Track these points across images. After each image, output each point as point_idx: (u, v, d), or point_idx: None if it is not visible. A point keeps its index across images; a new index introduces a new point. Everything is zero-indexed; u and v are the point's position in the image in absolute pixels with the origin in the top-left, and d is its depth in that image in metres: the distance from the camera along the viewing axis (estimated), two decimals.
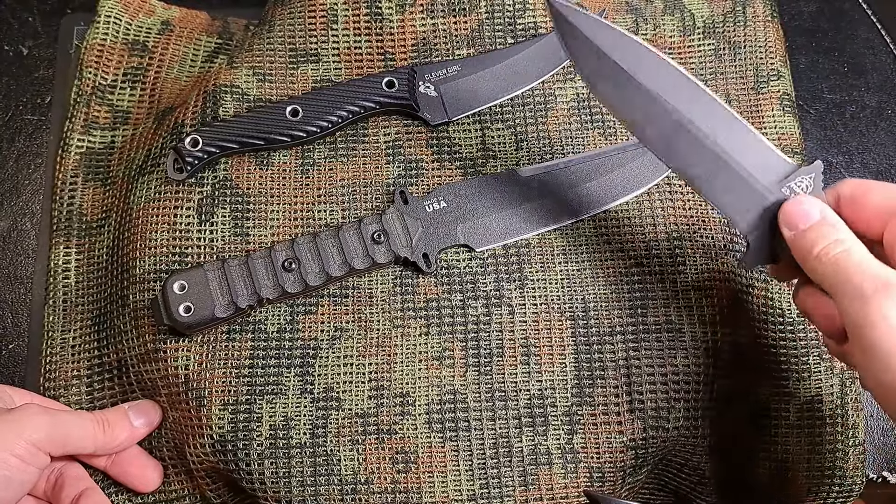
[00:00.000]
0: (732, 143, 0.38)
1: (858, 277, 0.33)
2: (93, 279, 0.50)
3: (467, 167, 0.49)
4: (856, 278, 0.33)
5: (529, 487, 0.43)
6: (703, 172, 0.38)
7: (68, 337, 0.49)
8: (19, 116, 0.57)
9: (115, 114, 0.53)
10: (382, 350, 0.45)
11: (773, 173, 0.38)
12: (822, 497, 0.47)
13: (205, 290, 0.43)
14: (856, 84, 0.59)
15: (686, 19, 0.56)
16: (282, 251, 0.44)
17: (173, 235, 0.46)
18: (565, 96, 0.50)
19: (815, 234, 0.36)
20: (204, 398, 0.43)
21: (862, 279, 0.33)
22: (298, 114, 0.48)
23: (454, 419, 0.44)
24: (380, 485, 0.43)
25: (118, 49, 0.54)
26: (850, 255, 0.34)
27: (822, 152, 0.57)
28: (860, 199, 0.36)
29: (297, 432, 0.43)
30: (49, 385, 0.48)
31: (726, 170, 0.38)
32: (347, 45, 0.51)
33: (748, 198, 0.38)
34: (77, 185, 0.52)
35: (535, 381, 0.45)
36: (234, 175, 0.48)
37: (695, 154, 0.38)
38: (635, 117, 0.39)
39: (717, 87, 0.55)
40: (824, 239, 0.35)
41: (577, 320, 0.46)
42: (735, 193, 0.38)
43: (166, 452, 0.46)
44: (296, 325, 0.45)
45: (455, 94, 0.49)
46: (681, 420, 0.44)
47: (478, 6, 0.51)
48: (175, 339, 0.45)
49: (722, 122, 0.38)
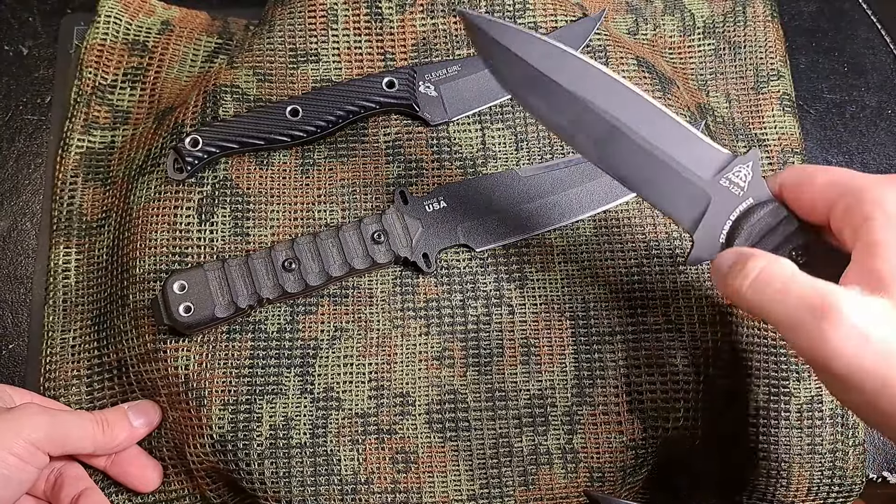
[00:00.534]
0: (666, 141, 0.37)
1: (790, 305, 0.31)
2: (93, 279, 0.50)
3: (467, 167, 0.49)
4: (785, 308, 0.31)
5: (530, 487, 0.43)
6: (640, 174, 0.38)
7: (68, 337, 0.49)
8: (19, 116, 0.57)
9: (115, 114, 0.53)
10: (382, 350, 0.45)
11: (709, 166, 0.37)
12: (822, 497, 0.47)
13: (205, 290, 0.43)
14: (856, 84, 0.59)
15: (686, 19, 0.56)
16: (282, 251, 0.44)
17: (173, 235, 0.46)
18: None
19: (724, 265, 0.35)
20: (204, 398, 0.43)
21: (794, 309, 0.31)
22: (298, 114, 0.48)
23: (454, 419, 0.44)
24: (380, 485, 0.43)
25: (118, 49, 0.54)
26: (768, 275, 0.32)
27: (822, 152, 0.57)
28: (805, 184, 0.36)
29: (297, 432, 0.43)
30: (49, 385, 0.48)
31: (663, 169, 0.37)
32: (347, 45, 0.51)
33: (688, 194, 0.37)
34: (77, 185, 0.52)
35: (535, 381, 0.45)
36: (235, 175, 0.48)
37: (629, 156, 0.37)
38: (564, 124, 0.38)
39: (718, 87, 0.55)
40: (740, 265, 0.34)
41: (577, 320, 0.46)
42: (674, 192, 0.37)
43: (166, 452, 0.46)
44: (296, 325, 0.45)
45: (455, 93, 0.49)
46: (681, 420, 0.44)
47: (478, 6, 0.51)
48: (175, 339, 0.45)
49: (653, 121, 0.37)
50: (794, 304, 0.31)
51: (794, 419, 0.46)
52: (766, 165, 0.54)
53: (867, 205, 0.32)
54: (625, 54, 0.51)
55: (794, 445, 0.47)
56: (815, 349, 0.30)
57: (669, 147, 0.37)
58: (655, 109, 0.37)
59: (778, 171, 0.37)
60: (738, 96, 0.54)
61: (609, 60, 0.51)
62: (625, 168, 0.38)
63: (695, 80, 0.55)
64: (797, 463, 0.46)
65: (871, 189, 0.32)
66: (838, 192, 0.34)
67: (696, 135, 0.37)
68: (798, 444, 0.46)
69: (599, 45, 0.51)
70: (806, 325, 0.30)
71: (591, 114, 0.37)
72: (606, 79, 0.37)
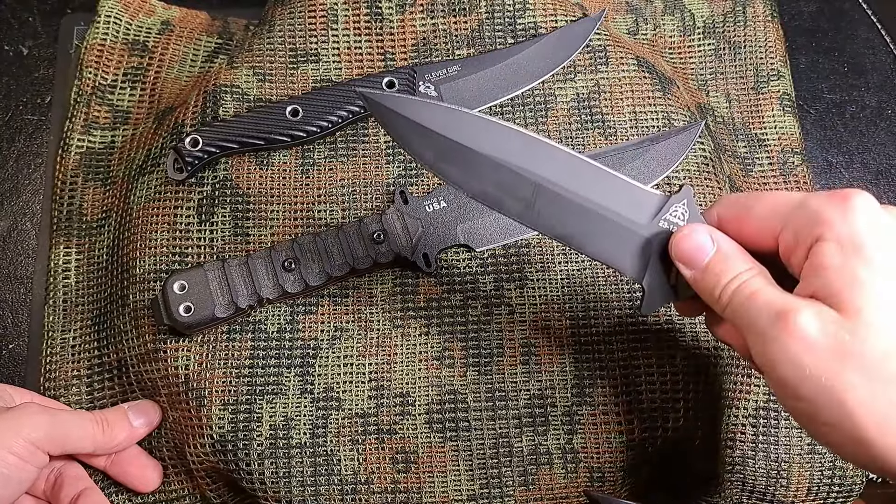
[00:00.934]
0: (596, 191, 0.36)
1: (754, 312, 0.32)
2: (93, 279, 0.50)
3: None
4: (751, 313, 0.32)
5: (530, 487, 0.43)
6: (578, 231, 0.36)
7: (68, 337, 0.49)
8: (19, 116, 0.57)
9: (115, 114, 0.53)
10: (382, 350, 0.45)
11: (645, 211, 0.36)
12: (822, 497, 0.47)
13: (205, 290, 0.43)
14: (856, 84, 0.59)
15: (686, 19, 0.56)
16: (282, 251, 0.44)
17: (173, 235, 0.46)
18: (565, 96, 0.50)
19: (713, 272, 0.34)
20: (204, 398, 0.43)
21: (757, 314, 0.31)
22: (298, 114, 0.48)
23: (454, 419, 0.44)
24: (380, 485, 0.43)
25: (118, 49, 0.54)
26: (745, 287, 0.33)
27: (822, 152, 0.57)
28: (742, 217, 0.35)
29: (297, 432, 0.43)
30: (49, 385, 0.48)
31: (598, 220, 0.36)
32: (347, 44, 0.51)
33: (628, 242, 0.36)
34: (77, 185, 0.52)
35: (535, 381, 0.45)
36: (234, 175, 0.48)
37: (563, 214, 0.36)
38: (489, 190, 0.36)
39: (718, 87, 0.55)
40: (724, 275, 0.34)
41: (577, 320, 0.46)
42: (615, 243, 0.36)
43: (166, 452, 0.46)
44: (296, 325, 0.45)
45: (455, 94, 0.49)
46: (681, 420, 0.44)
47: (478, 6, 0.51)
48: (175, 339, 0.45)
49: (580, 174, 0.36)
50: (760, 307, 0.31)
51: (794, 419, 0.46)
52: (766, 165, 0.54)
53: (817, 227, 0.31)
54: (625, 54, 0.51)
55: (794, 445, 0.47)
56: (766, 353, 0.31)
57: (601, 198, 0.36)
58: (581, 162, 0.36)
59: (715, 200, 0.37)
60: (738, 96, 0.54)
61: (609, 60, 0.51)
62: (561, 227, 0.37)
63: (695, 79, 0.55)
64: (797, 463, 0.46)
65: (818, 210, 0.32)
66: (781, 220, 0.33)
67: (626, 181, 0.36)
68: (798, 444, 0.46)
69: (599, 45, 0.51)
70: (763, 328, 0.31)
71: (513, 175, 0.36)
72: (524, 137, 0.36)
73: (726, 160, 0.52)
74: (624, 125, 0.49)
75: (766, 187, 0.53)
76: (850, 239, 0.30)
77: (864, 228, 0.30)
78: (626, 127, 0.49)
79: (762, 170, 0.54)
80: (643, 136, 0.49)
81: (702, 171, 0.49)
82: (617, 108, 0.50)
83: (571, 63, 0.51)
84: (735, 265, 0.34)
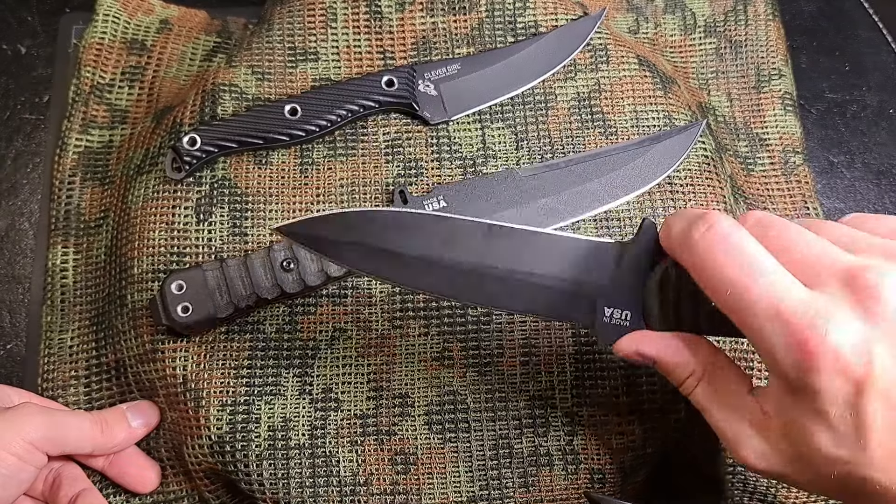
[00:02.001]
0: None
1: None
2: (91, 279, 0.49)
3: (467, 166, 0.49)
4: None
5: (530, 489, 0.43)
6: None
7: (66, 337, 0.48)
8: (17, 115, 0.56)
9: (113, 113, 0.53)
10: (382, 351, 0.45)
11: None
12: (823, 499, 0.47)
13: (203, 291, 0.43)
14: (857, 83, 0.59)
15: (687, 18, 0.56)
16: (280, 251, 0.44)
17: (171, 235, 0.46)
18: (566, 95, 0.50)
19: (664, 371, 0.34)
20: (202, 399, 0.43)
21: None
22: (297, 113, 0.47)
23: (454, 420, 0.44)
24: (379, 486, 0.43)
25: (117, 48, 0.54)
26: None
27: (823, 152, 0.57)
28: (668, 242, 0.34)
29: (296, 433, 0.43)
30: (47, 385, 0.47)
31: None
32: (347, 43, 0.51)
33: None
34: (75, 185, 0.51)
35: (535, 382, 0.45)
36: (233, 174, 0.48)
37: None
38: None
39: (719, 86, 0.55)
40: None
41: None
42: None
43: (164, 453, 0.46)
44: (295, 326, 0.45)
45: (455, 92, 0.49)
46: (681, 420, 0.44)
47: (478, 5, 0.51)
48: (173, 339, 0.44)
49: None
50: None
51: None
52: (767, 165, 0.54)
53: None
54: (625, 53, 0.51)
55: None
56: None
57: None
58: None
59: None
60: (739, 95, 0.54)
61: (610, 59, 0.50)
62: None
63: (696, 79, 0.55)
64: None
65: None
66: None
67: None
68: None
69: (600, 43, 0.51)
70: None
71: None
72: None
73: (727, 160, 0.52)
74: (625, 124, 0.49)
75: (768, 187, 0.53)
76: None
77: None
78: (627, 126, 0.49)
79: (763, 169, 0.54)
80: (644, 135, 0.49)
81: (703, 170, 0.49)
82: (618, 107, 0.50)
83: (572, 62, 0.50)
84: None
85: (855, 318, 0.28)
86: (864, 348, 0.28)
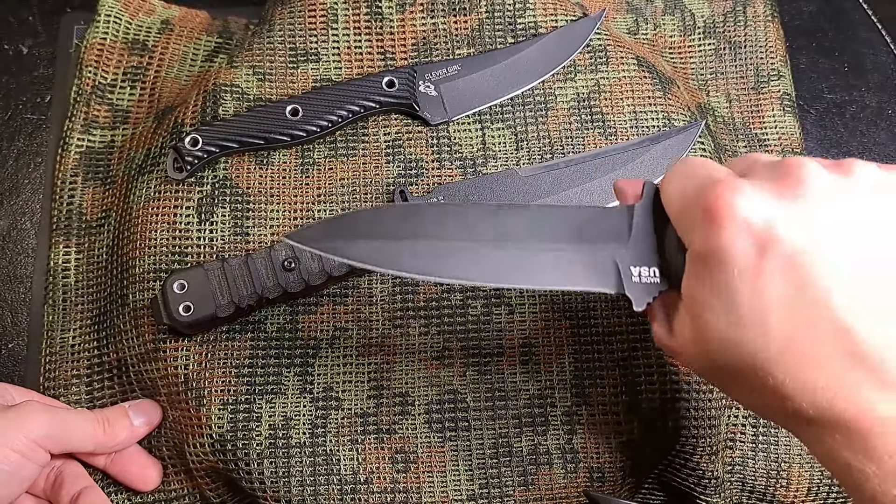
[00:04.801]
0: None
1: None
2: (92, 278, 0.49)
3: (467, 167, 0.49)
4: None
5: (529, 487, 0.43)
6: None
7: (68, 336, 0.49)
8: (19, 115, 0.56)
9: (114, 113, 0.53)
10: (382, 350, 0.45)
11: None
12: (822, 497, 0.47)
13: (205, 290, 0.43)
14: (856, 84, 0.59)
15: (686, 19, 0.56)
16: (282, 251, 0.44)
17: (173, 235, 0.46)
18: (565, 96, 0.50)
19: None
20: (203, 398, 0.43)
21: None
22: (298, 113, 0.48)
23: (454, 419, 0.44)
24: (379, 484, 0.43)
25: (118, 48, 0.54)
26: None
27: (822, 152, 0.57)
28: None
29: (297, 432, 0.43)
30: (49, 384, 0.48)
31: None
32: (347, 44, 0.51)
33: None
34: (77, 185, 0.52)
35: (535, 381, 0.45)
36: (234, 174, 0.48)
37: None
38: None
39: (718, 87, 0.55)
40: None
41: (577, 320, 0.46)
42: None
43: (166, 452, 0.46)
44: (296, 325, 0.45)
45: (455, 93, 0.49)
46: (680, 420, 0.44)
47: (478, 6, 0.51)
48: (175, 338, 0.45)
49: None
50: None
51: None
52: None
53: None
54: (625, 54, 0.51)
55: (794, 445, 0.47)
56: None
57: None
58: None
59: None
60: (738, 96, 0.54)
61: (609, 60, 0.51)
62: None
63: (695, 79, 0.55)
64: (797, 463, 0.46)
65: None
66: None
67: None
68: (798, 444, 0.46)
69: (599, 44, 0.51)
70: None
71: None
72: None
73: (726, 160, 0.52)
74: (624, 125, 0.49)
75: None
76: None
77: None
78: (627, 127, 0.49)
79: None
80: (643, 135, 0.49)
81: None
82: (617, 107, 0.50)
83: (571, 63, 0.51)
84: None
85: (771, 195, 0.29)
86: (772, 215, 0.28)
